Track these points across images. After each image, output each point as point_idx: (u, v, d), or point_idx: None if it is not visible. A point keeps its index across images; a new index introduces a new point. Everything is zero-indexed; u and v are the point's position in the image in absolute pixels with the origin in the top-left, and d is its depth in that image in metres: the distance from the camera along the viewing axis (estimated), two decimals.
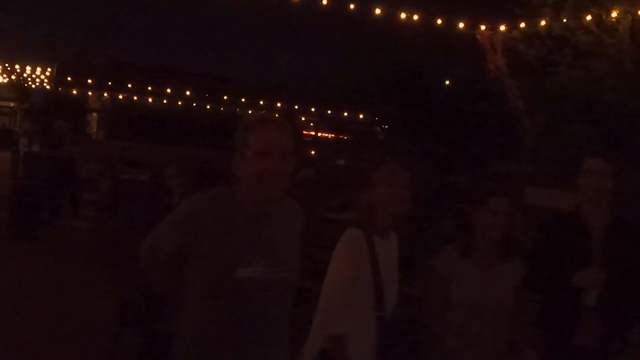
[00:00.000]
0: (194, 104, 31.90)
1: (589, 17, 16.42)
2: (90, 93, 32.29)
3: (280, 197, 3.55)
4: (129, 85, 31.37)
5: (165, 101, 32.29)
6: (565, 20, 16.85)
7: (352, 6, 17.91)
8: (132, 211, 9.38)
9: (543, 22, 17.28)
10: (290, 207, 3.80)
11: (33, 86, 38.83)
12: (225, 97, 32.70)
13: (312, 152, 32.86)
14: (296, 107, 30.78)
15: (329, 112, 30.63)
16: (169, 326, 3.87)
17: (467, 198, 16.39)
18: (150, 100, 32.47)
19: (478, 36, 19.43)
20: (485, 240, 4.86)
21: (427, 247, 7.63)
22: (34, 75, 37.87)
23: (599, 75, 15.97)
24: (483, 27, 19.23)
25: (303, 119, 33.76)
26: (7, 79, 39.92)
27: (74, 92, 30.89)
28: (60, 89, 30.82)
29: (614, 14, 16.00)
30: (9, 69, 37.96)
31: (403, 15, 18.15)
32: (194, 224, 3.45)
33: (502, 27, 18.81)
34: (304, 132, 35.01)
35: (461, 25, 18.87)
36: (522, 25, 18.10)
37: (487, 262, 4.90)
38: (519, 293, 4.91)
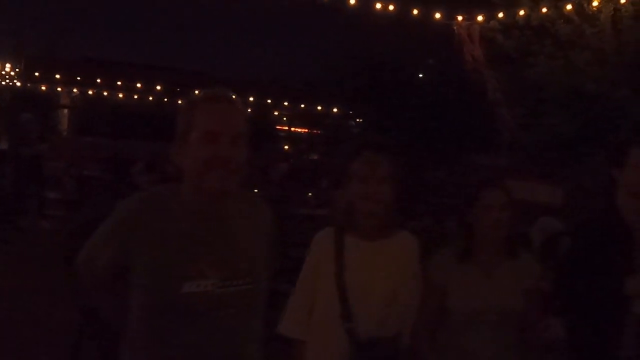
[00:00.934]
0: (165, 99, 31.23)
1: (569, 7, 16.01)
2: (59, 89, 31.44)
3: (234, 190, 2.99)
4: (99, 81, 30.55)
5: (135, 96, 31.61)
6: (544, 10, 16.42)
7: None
8: (94, 211, 8.70)
9: (522, 12, 16.84)
10: (252, 203, 3.29)
11: (3, 83, 37.96)
12: (196, 92, 32.03)
13: (286, 147, 32.48)
14: (269, 101, 30.12)
15: (303, 106, 30.00)
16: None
17: (444, 192, 16.31)
18: (120, 95, 31.70)
19: (455, 27, 18.99)
20: (484, 240, 4.36)
21: None
22: (3, 72, 36.99)
23: (580, 66, 15.62)
24: (460, 18, 18.77)
25: (276, 113, 33.14)
26: None
27: (43, 88, 30.05)
28: (28, 85, 29.99)
29: (595, 3, 15.60)
30: None
31: (378, 6, 17.51)
32: (129, 231, 2.94)
33: (480, 18, 18.34)
34: (278, 127, 34.65)
35: (437, 16, 18.41)
36: (500, 15, 17.59)
37: (490, 264, 4.40)
38: (530, 294, 4.41)
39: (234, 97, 3.03)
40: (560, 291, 4.50)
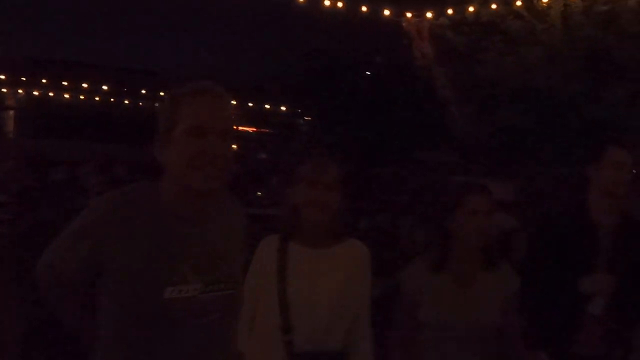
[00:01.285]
0: (112, 99, 30.68)
1: (519, 3, 15.97)
2: (4, 90, 30.70)
3: (219, 190, 2.75)
4: (44, 81, 29.85)
5: (82, 97, 30.98)
6: (494, 6, 16.36)
7: None
8: (40, 214, 8.29)
9: (471, 9, 16.79)
10: (229, 204, 3.04)
11: None
12: (143, 91, 31.57)
13: (235, 146, 32.09)
14: None
15: (251, 104, 29.61)
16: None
17: (394, 190, 16.05)
18: (67, 96, 31.03)
19: (404, 24, 18.82)
20: (464, 248, 4.03)
21: None
22: None
23: (531, 62, 15.52)
24: (409, 15, 18.61)
25: None
26: None
27: None
28: None
29: None
30: None
31: (327, 3, 17.25)
32: (103, 234, 2.65)
33: (429, 14, 18.22)
34: None
35: (387, 12, 18.25)
36: (450, 11, 17.52)
37: (467, 275, 4.07)
38: (509, 308, 4.09)
39: (223, 90, 2.79)
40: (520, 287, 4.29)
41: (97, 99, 31.78)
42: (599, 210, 4.34)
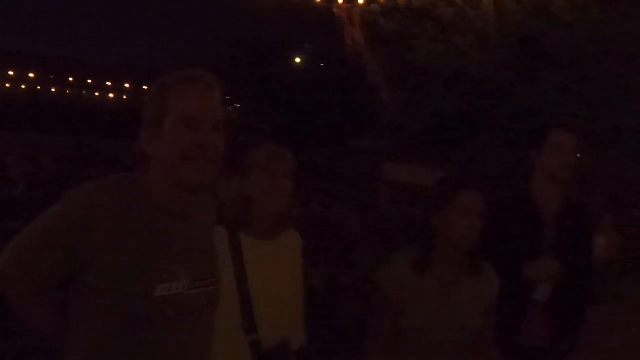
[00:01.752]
0: (38, 87, 29.96)
1: None
2: None
3: (208, 184, 2.54)
4: None
5: (7, 85, 30.21)
6: None
7: None
8: None
9: None
10: (207, 197, 2.83)
11: None
12: (70, 79, 30.94)
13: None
14: (145, 87, 29.06)
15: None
16: None
17: (324, 176, 15.80)
18: None
19: (335, 10, 18.31)
20: (453, 249, 3.57)
21: None
22: None
23: (463, 48, 15.38)
24: (340, 1, 18.08)
25: None
26: None
27: None
28: None
29: None
30: None
31: None
32: (86, 230, 2.38)
33: (360, 0, 17.70)
34: None
35: None
36: None
37: (450, 279, 3.62)
38: (489, 311, 3.68)
39: (214, 79, 2.54)
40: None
41: (23, 87, 31.06)
42: (543, 195, 4.14)
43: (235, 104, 25.68)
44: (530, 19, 14.73)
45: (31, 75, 29.55)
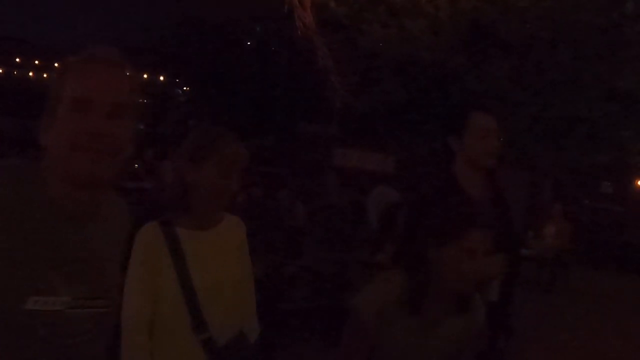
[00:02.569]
0: None
1: None
2: None
3: (109, 179, 2.15)
4: None
5: None
6: None
7: None
8: None
9: None
10: (114, 204, 2.41)
11: None
12: (18, 60, 30.00)
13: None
14: None
15: (127, 73, 28.38)
16: None
17: (271, 162, 15.45)
18: None
19: None
20: (449, 290, 3.10)
21: None
22: None
23: (415, 33, 14.92)
24: None
25: None
26: None
27: None
28: None
29: None
30: None
31: None
32: None
33: None
34: None
35: None
36: None
37: (438, 318, 3.15)
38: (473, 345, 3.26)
39: (118, 58, 2.16)
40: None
41: None
42: (469, 184, 3.77)
43: (184, 88, 25.15)
44: (484, 5, 14.36)
45: None
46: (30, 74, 32.44)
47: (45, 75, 32.15)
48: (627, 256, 16.35)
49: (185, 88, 25.17)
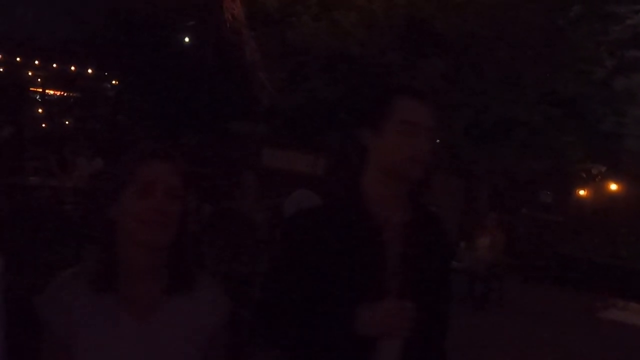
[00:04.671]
0: None
1: None
2: None
3: None
4: None
5: None
6: None
7: None
8: None
9: None
10: None
11: None
12: None
13: (40, 111, 29.46)
14: (18, 59, 26.90)
15: (55, 65, 27.01)
16: None
17: (199, 160, 14.66)
18: None
19: None
20: (142, 252, 2.24)
21: None
22: None
23: (346, 28, 14.19)
24: None
25: (30, 73, 29.86)
26: None
27: None
28: None
29: None
30: None
31: None
32: None
33: None
34: (32, 88, 31.56)
35: None
36: None
37: (146, 296, 2.29)
38: (212, 346, 2.37)
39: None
40: (263, 314, 2.59)
41: None
42: (380, 199, 2.47)
43: (113, 82, 24.12)
44: (420, 0, 13.66)
45: None
46: None
47: None
48: (566, 269, 15.80)
49: (114, 82, 24.11)
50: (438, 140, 9.55)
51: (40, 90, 30.91)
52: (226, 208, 9.34)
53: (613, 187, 19.80)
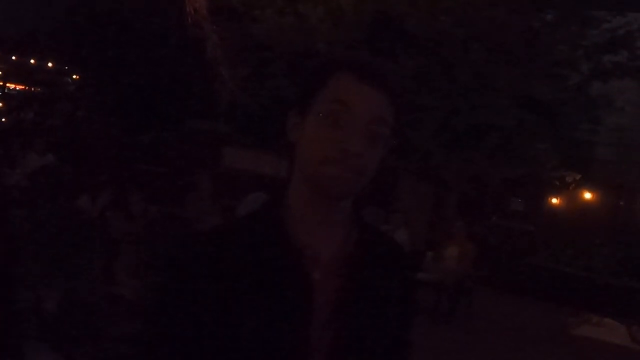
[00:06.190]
0: None
1: None
2: None
3: None
4: None
5: None
6: None
7: None
8: None
9: None
10: None
11: None
12: None
13: (0, 105, 28.84)
14: None
15: (14, 58, 26.38)
16: None
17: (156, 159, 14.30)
18: None
19: None
20: None
21: None
22: None
23: (312, 23, 13.67)
24: None
25: None
26: None
27: None
28: None
29: None
30: None
31: None
32: None
33: None
34: None
35: None
36: None
37: None
38: None
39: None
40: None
41: None
42: (308, 222, 1.70)
43: (74, 76, 23.55)
44: None
45: None
46: None
47: None
48: (537, 281, 15.27)
49: (74, 77, 23.53)
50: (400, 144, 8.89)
51: (1, 83, 30.25)
52: (169, 213, 8.57)
53: (587, 195, 19.34)
